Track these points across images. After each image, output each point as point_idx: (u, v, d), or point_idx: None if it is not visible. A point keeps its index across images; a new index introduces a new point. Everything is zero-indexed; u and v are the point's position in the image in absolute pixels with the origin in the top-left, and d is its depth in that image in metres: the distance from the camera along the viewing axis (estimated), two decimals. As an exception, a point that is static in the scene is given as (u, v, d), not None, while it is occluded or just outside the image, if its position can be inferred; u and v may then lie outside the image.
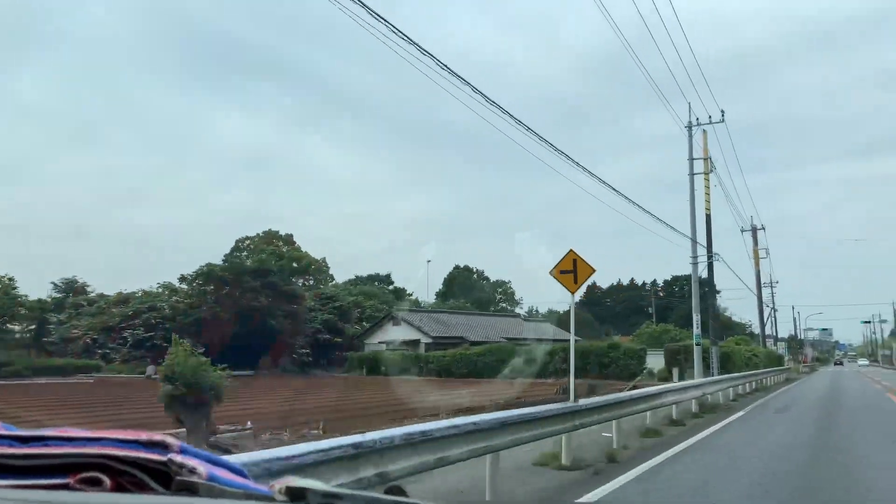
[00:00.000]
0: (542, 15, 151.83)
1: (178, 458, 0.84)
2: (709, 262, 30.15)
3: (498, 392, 22.47)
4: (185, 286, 50.69)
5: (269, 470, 3.24)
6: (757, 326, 59.18)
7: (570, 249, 15.18)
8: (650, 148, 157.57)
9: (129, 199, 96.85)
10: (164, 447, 0.87)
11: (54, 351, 48.81)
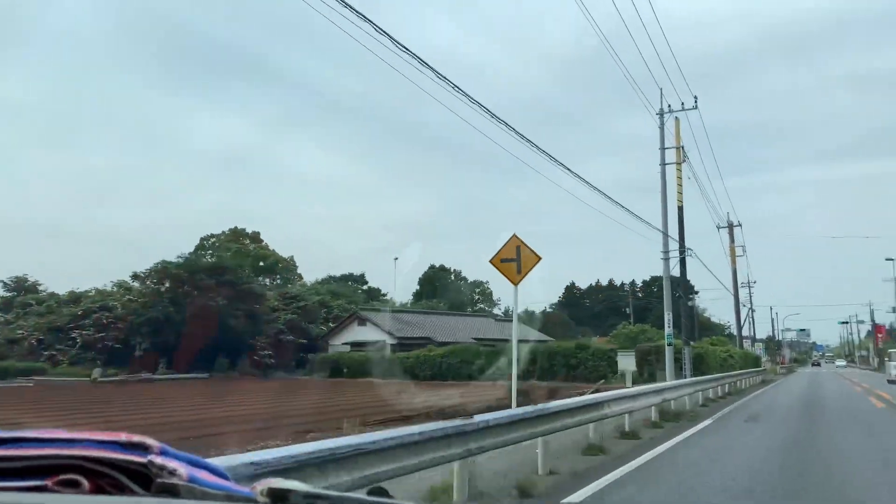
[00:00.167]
0: (514, 18, 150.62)
1: (159, 460, 0.83)
2: (681, 256, 28.37)
3: (446, 397, 20.54)
4: (137, 284, 48.15)
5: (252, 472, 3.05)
6: (736, 328, 57.69)
7: (514, 234, 13.21)
8: (621, 152, 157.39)
9: (99, 197, 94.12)
10: (144, 448, 0.85)
11: (-2, 352, 46.17)
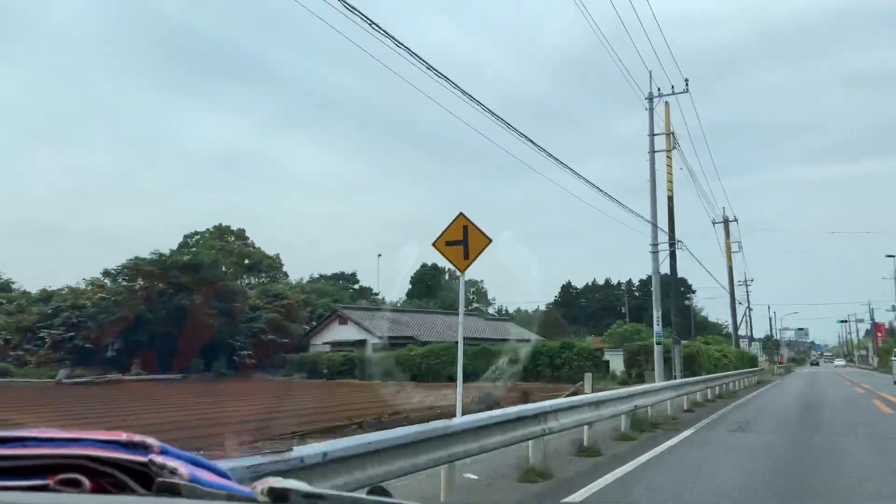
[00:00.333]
0: (513, 18, 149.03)
1: (160, 459, 0.83)
2: (671, 249, 26.57)
3: (403, 401, 18.76)
4: (108, 281, 46.29)
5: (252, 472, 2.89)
6: (732, 326, 55.84)
7: (461, 213, 11.45)
8: (621, 153, 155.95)
9: (88, 196, 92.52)
10: (145, 448, 0.85)
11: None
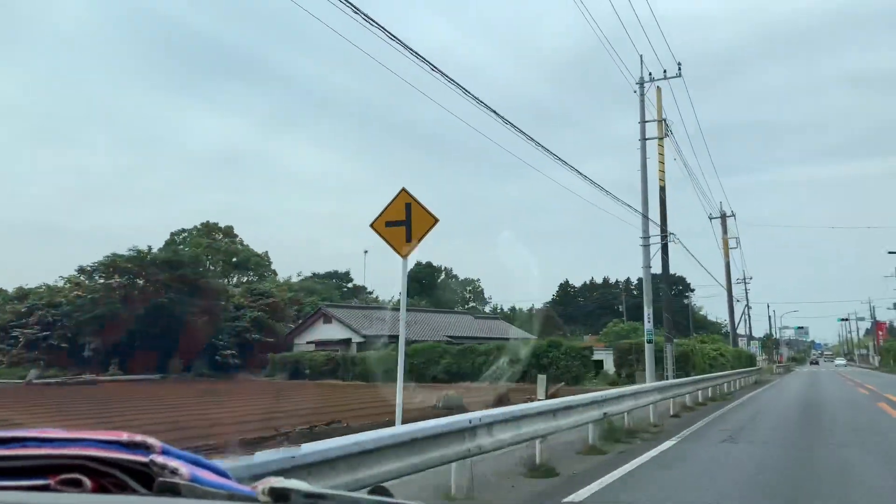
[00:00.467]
0: (508, 20, 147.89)
1: (160, 459, 0.83)
2: (663, 242, 25.12)
3: (366, 404, 17.30)
4: (85, 279, 44.82)
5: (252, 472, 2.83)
6: (730, 325, 54.30)
7: (403, 189, 9.99)
8: (620, 154, 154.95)
9: (83, 195, 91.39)
10: (146, 448, 0.85)
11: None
